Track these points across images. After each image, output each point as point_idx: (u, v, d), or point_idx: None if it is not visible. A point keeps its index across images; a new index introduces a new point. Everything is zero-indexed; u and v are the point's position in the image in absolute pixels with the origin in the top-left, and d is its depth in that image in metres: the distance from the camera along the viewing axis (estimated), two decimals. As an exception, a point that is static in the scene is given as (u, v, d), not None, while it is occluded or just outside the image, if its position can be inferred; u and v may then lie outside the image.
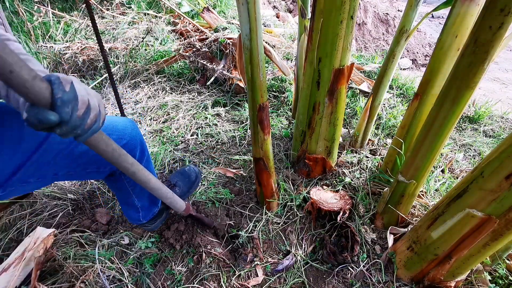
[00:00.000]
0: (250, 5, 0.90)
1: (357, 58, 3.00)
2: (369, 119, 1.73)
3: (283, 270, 1.28)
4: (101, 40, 1.04)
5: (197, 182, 1.42)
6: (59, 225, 1.42)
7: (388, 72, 1.53)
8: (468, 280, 1.16)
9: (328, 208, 1.36)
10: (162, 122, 2.16)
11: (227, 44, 2.51)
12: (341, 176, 1.62)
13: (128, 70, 2.58)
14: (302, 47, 1.74)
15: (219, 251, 1.32)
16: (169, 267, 1.26)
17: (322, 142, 1.51)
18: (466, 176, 0.95)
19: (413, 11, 1.33)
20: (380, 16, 5.64)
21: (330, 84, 1.31)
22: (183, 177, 1.39)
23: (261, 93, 1.11)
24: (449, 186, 1.59)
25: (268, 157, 1.31)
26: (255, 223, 1.41)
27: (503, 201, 0.82)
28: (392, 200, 1.29)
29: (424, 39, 5.18)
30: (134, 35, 2.85)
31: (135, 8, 3.42)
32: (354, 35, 1.73)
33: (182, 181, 1.38)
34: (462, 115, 2.36)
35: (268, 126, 1.22)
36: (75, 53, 2.56)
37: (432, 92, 1.25)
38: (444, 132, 1.01)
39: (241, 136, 2.02)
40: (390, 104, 2.31)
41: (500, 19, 0.75)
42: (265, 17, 3.74)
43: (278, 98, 2.40)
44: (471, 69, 0.85)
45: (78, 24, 2.95)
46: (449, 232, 0.98)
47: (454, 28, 1.11)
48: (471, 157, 1.97)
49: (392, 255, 1.22)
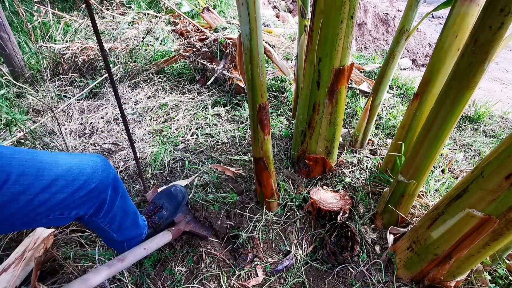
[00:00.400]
0: (250, 5, 0.90)
1: (357, 58, 3.00)
2: (369, 119, 1.73)
3: (283, 270, 1.28)
4: (101, 40, 1.03)
5: (184, 201, 1.37)
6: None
7: (388, 72, 1.53)
8: (468, 280, 1.16)
9: (328, 208, 1.36)
10: (162, 122, 2.16)
11: (227, 44, 2.51)
12: (341, 176, 1.62)
13: (128, 70, 2.58)
14: (302, 47, 1.74)
15: (219, 251, 1.32)
16: (169, 267, 1.27)
17: (322, 142, 1.51)
18: (466, 176, 0.95)
19: (413, 11, 1.33)
20: (380, 16, 5.64)
21: (330, 84, 1.31)
22: (169, 198, 1.34)
23: (261, 93, 1.11)
24: (449, 186, 1.59)
25: (268, 157, 1.31)
26: (255, 223, 1.41)
27: (503, 201, 0.82)
28: (392, 200, 1.29)
29: (424, 39, 5.17)
30: (134, 35, 2.85)
31: (135, 8, 3.42)
32: (354, 35, 1.73)
33: (169, 202, 1.33)
34: (462, 115, 2.36)
35: (268, 126, 1.22)
36: (75, 53, 2.56)
37: (432, 92, 1.25)
38: (444, 132, 1.01)
39: (241, 136, 2.02)
40: (390, 104, 2.31)
41: (500, 19, 0.75)
42: (265, 17, 3.74)
43: (278, 98, 2.40)
44: (471, 69, 0.85)
45: (78, 24, 2.95)
46: (449, 232, 0.98)
47: (454, 28, 1.11)
48: (471, 157, 1.97)
49: (392, 255, 1.22)
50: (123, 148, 1.91)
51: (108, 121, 2.17)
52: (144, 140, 1.99)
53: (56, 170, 0.78)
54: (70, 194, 0.80)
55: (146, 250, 1.08)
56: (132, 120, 2.18)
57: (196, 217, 1.42)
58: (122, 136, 2.03)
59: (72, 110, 2.24)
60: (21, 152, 0.74)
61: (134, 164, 1.75)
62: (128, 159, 1.82)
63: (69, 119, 2.16)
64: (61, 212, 0.81)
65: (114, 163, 1.78)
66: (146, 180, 1.69)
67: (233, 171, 1.68)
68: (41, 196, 0.75)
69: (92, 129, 2.09)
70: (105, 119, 2.17)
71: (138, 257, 1.05)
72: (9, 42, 2.39)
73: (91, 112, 2.26)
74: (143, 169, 1.74)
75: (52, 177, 0.76)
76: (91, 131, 2.07)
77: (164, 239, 1.20)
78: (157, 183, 1.67)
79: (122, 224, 1.05)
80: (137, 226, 1.14)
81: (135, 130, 2.08)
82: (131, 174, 1.71)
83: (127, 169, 1.73)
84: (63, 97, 2.39)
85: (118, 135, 2.04)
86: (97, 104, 2.34)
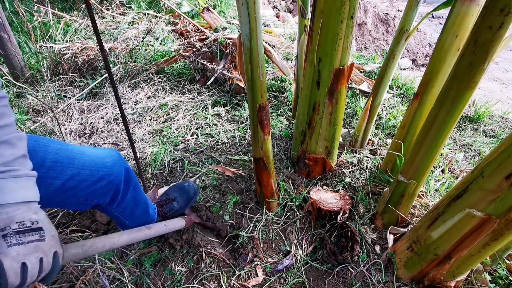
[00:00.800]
0: (250, 5, 0.90)
1: (357, 58, 3.00)
2: (369, 119, 1.73)
3: (283, 270, 1.28)
4: (101, 40, 1.03)
5: (195, 198, 1.44)
6: (59, 225, 1.42)
7: (388, 72, 1.53)
8: (468, 280, 1.16)
9: (328, 208, 1.36)
10: (162, 122, 2.16)
11: (227, 44, 2.51)
12: (341, 176, 1.62)
13: (128, 70, 2.58)
14: (302, 47, 1.74)
15: (219, 251, 1.32)
16: (169, 267, 1.27)
17: (322, 142, 1.51)
18: (466, 176, 0.95)
19: (413, 11, 1.33)
20: (380, 16, 5.64)
21: (330, 84, 1.31)
22: (182, 192, 1.41)
23: (261, 93, 1.11)
24: (449, 186, 1.59)
25: (268, 157, 1.31)
26: (255, 223, 1.41)
27: (503, 201, 0.82)
28: (392, 200, 1.29)
29: (424, 39, 5.17)
30: (134, 35, 2.85)
31: (135, 8, 3.42)
32: (354, 35, 1.73)
33: (181, 196, 1.39)
34: (462, 115, 2.36)
35: (268, 126, 1.22)
36: (75, 53, 2.56)
37: (432, 92, 1.25)
38: (444, 132, 1.01)
39: (241, 136, 2.02)
40: (390, 104, 2.31)
41: (500, 19, 0.75)
42: (265, 17, 3.74)
43: (278, 98, 2.40)
44: (471, 69, 0.85)
45: (78, 24, 2.95)
46: (449, 232, 0.98)
47: (454, 28, 1.11)
48: (471, 157, 1.97)
49: (392, 255, 1.22)
50: (123, 148, 1.91)
51: (108, 121, 2.17)
52: (144, 140, 1.99)
53: (83, 160, 0.88)
54: (93, 183, 0.89)
55: (166, 227, 1.15)
56: (132, 120, 2.18)
57: (200, 217, 1.44)
58: (122, 136, 2.03)
59: (72, 110, 2.24)
60: (54, 142, 0.85)
61: (134, 164, 1.76)
62: (128, 159, 1.82)
63: (69, 119, 2.16)
64: (86, 198, 0.90)
65: (114, 163, 1.78)
66: (146, 180, 1.69)
67: (233, 171, 1.68)
68: (71, 182, 0.84)
69: (92, 129, 2.09)
70: (105, 119, 2.17)
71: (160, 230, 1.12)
72: (9, 42, 2.39)
73: (91, 112, 2.26)
74: (143, 169, 1.74)
75: (80, 166, 0.86)
76: (91, 131, 2.07)
77: (179, 223, 1.25)
78: (157, 183, 1.67)
79: (133, 213, 1.12)
80: (147, 214, 1.21)
81: (135, 130, 2.08)
82: (131, 174, 1.71)
83: (127, 169, 1.73)
84: (63, 97, 2.38)
85: (118, 135, 2.04)
86: (97, 104, 2.34)
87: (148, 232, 1.05)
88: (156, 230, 1.10)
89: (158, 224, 1.14)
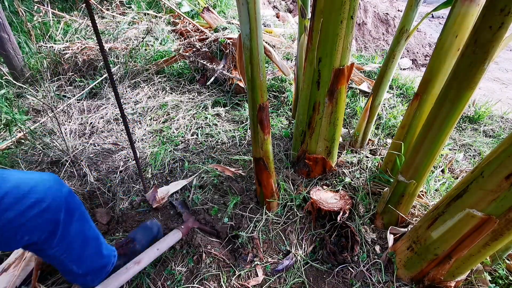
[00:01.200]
0: (250, 5, 0.90)
1: (357, 58, 3.00)
2: (369, 119, 1.73)
3: (283, 270, 1.28)
4: (101, 40, 1.03)
5: (159, 235, 1.33)
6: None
7: (388, 72, 1.53)
8: (468, 280, 1.16)
9: (328, 208, 1.36)
10: (162, 122, 2.16)
11: (227, 44, 2.51)
12: (341, 176, 1.62)
13: (128, 70, 2.58)
14: (302, 47, 1.74)
15: (219, 251, 1.32)
16: (169, 267, 1.26)
17: (322, 142, 1.51)
18: (466, 176, 0.95)
19: (413, 11, 1.33)
20: (380, 16, 5.64)
21: (330, 84, 1.31)
22: (144, 231, 1.29)
23: (261, 93, 1.11)
24: (449, 186, 1.59)
25: (268, 157, 1.31)
26: (255, 223, 1.41)
27: (503, 201, 0.82)
28: (392, 200, 1.29)
29: (424, 39, 5.17)
30: (134, 35, 2.85)
31: (135, 8, 3.42)
32: (354, 35, 1.73)
33: (143, 235, 1.27)
34: (462, 115, 2.36)
35: (268, 126, 1.22)
36: (75, 53, 2.56)
37: (432, 92, 1.25)
38: (444, 132, 1.01)
39: (241, 136, 2.02)
40: (390, 104, 2.31)
41: (500, 19, 0.75)
42: (265, 17, 3.74)
43: (278, 98, 2.40)
44: (471, 69, 0.85)
45: (78, 24, 2.95)
46: (449, 232, 0.98)
47: (454, 28, 1.11)
48: (471, 157, 1.97)
49: (392, 255, 1.22)
50: (123, 148, 1.91)
51: (108, 121, 2.17)
52: (144, 140, 1.99)
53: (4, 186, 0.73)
54: (21, 213, 0.74)
55: (159, 251, 1.09)
56: (132, 120, 2.18)
57: (199, 220, 1.43)
58: (122, 136, 2.03)
59: (72, 110, 2.24)
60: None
61: (134, 164, 1.75)
62: (128, 159, 1.82)
63: (69, 119, 2.16)
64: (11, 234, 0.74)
65: (114, 163, 1.78)
66: (146, 180, 1.69)
67: (233, 171, 1.68)
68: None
69: (92, 129, 2.09)
70: (105, 119, 2.17)
71: (152, 258, 1.05)
72: (9, 42, 2.39)
73: (91, 112, 2.26)
74: (143, 169, 1.74)
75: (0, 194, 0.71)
76: (91, 131, 2.07)
77: (174, 238, 1.21)
78: (157, 183, 1.67)
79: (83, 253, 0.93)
80: (101, 256, 1.01)
81: (135, 130, 2.08)
82: (131, 174, 1.71)
83: (127, 169, 1.73)
84: (63, 97, 2.38)
85: (118, 135, 2.04)
86: (97, 104, 2.34)
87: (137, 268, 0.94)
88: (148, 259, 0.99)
89: (149, 251, 1.03)
